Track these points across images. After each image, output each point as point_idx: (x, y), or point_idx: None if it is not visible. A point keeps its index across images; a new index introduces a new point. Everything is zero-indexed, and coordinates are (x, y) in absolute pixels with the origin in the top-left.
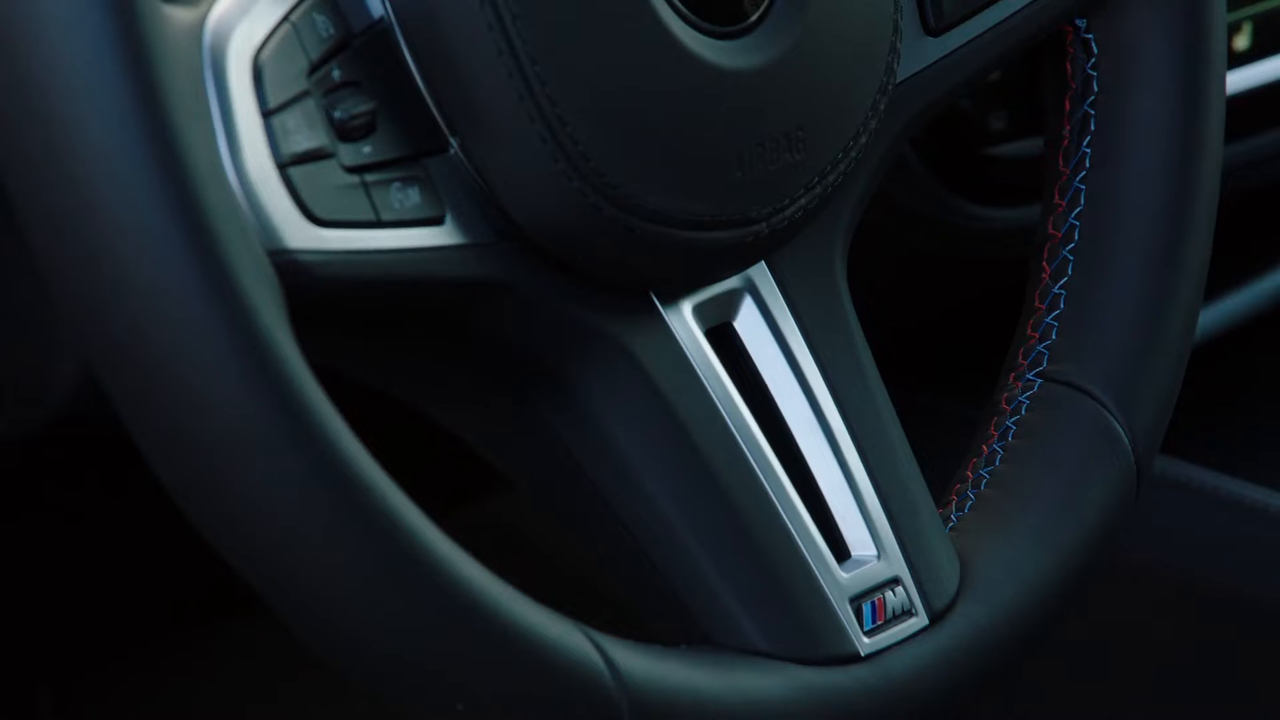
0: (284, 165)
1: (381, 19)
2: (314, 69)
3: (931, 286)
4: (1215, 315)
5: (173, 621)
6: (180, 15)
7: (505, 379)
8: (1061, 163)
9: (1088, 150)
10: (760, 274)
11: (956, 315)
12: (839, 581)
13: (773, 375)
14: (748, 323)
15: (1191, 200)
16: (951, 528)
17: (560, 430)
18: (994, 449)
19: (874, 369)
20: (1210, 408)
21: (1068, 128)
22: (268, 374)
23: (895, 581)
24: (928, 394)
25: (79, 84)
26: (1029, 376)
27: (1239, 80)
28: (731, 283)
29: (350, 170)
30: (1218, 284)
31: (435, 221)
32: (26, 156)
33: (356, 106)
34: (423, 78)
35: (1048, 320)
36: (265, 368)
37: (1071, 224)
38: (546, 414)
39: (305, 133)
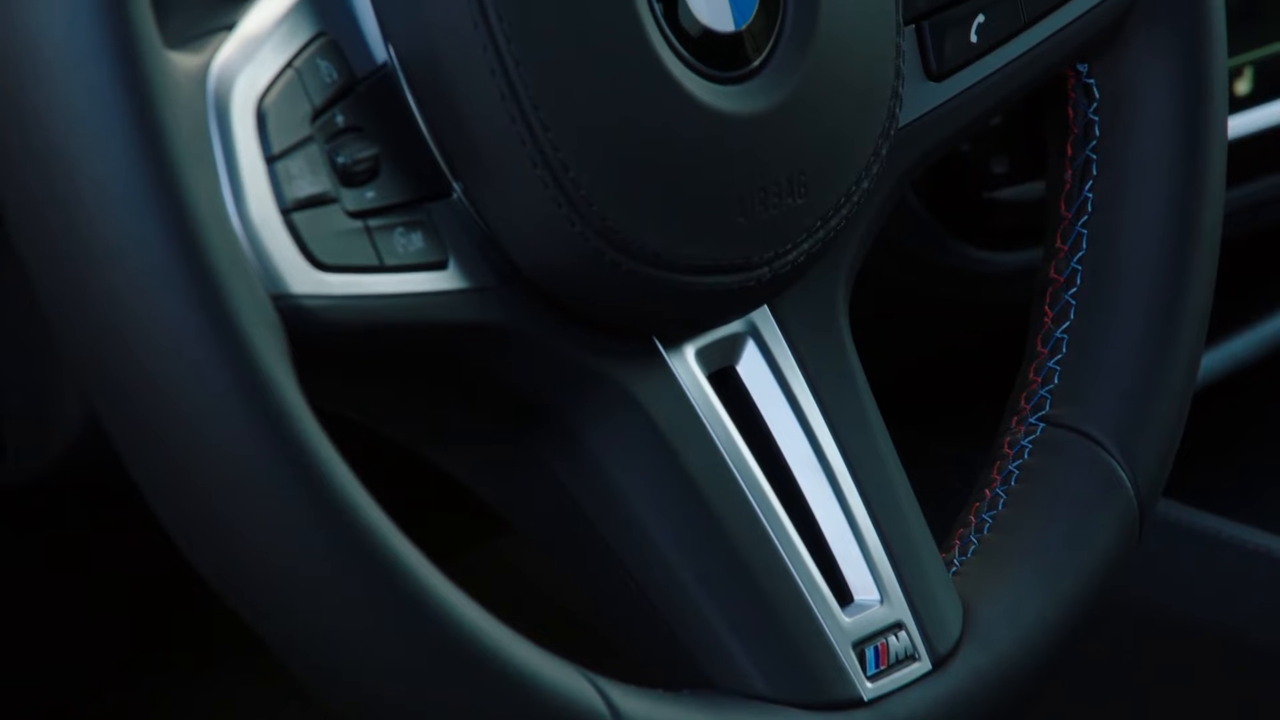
0: (287, 210)
1: (385, 64)
2: (317, 114)
3: (933, 330)
4: (1217, 359)
5: (173, 661)
6: (184, 61)
7: (507, 423)
8: (1063, 207)
9: (1089, 195)
10: (763, 318)
11: (958, 359)
12: (842, 626)
13: (776, 419)
14: (750, 367)
15: (1193, 244)
16: (954, 572)
17: (562, 474)
18: (996, 493)
19: (877, 412)
20: (1213, 452)
21: (1069, 172)
22: (270, 417)
23: (898, 626)
24: (930, 437)
25: (84, 129)
26: (1031, 420)
27: (1240, 125)
28: (734, 327)
29: (353, 215)
30: (1220, 328)
31: (438, 266)
32: (30, 200)
33: (360, 152)
34: (425, 123)
35: (1050, 364)
36: (267, 411)
37: (1074, 268)
38: (548, 458)
39: (308, 178)
